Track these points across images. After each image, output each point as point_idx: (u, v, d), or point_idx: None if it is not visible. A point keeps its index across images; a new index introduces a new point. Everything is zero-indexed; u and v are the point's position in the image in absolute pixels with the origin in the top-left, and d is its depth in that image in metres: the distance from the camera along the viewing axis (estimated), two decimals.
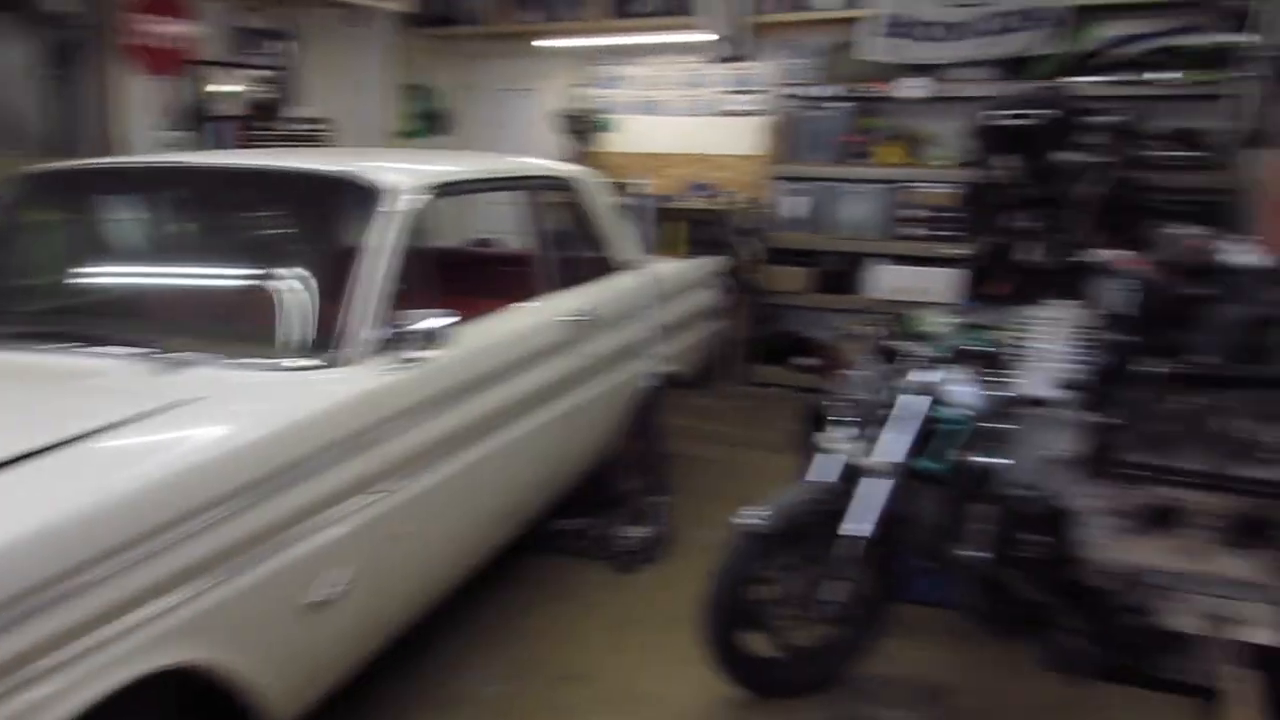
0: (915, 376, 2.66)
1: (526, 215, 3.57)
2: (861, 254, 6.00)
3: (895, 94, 5.82)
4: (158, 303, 3.06)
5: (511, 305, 3.27)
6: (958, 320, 3.11)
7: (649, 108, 6.80)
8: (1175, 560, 1.72)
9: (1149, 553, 1.74)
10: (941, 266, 5.43)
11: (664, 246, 6.29)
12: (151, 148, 5.36)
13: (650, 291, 3.77)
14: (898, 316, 3.12)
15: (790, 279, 6.15)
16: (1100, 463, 1.76)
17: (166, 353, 2.31)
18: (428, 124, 7.50)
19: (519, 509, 3.22)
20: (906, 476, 2.65)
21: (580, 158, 6.35)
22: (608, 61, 6.92)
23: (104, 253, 3.32)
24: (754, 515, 2.66)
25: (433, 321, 2.46)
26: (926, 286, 5.50)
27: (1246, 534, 1.64)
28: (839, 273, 6.09)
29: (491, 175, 3.56)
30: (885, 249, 5.89)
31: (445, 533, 2.73)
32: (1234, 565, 1.69)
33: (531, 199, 3.56)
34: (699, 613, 2.70)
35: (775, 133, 6.20)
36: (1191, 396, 1.77)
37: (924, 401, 2.63)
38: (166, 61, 5.55)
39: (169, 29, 5.49)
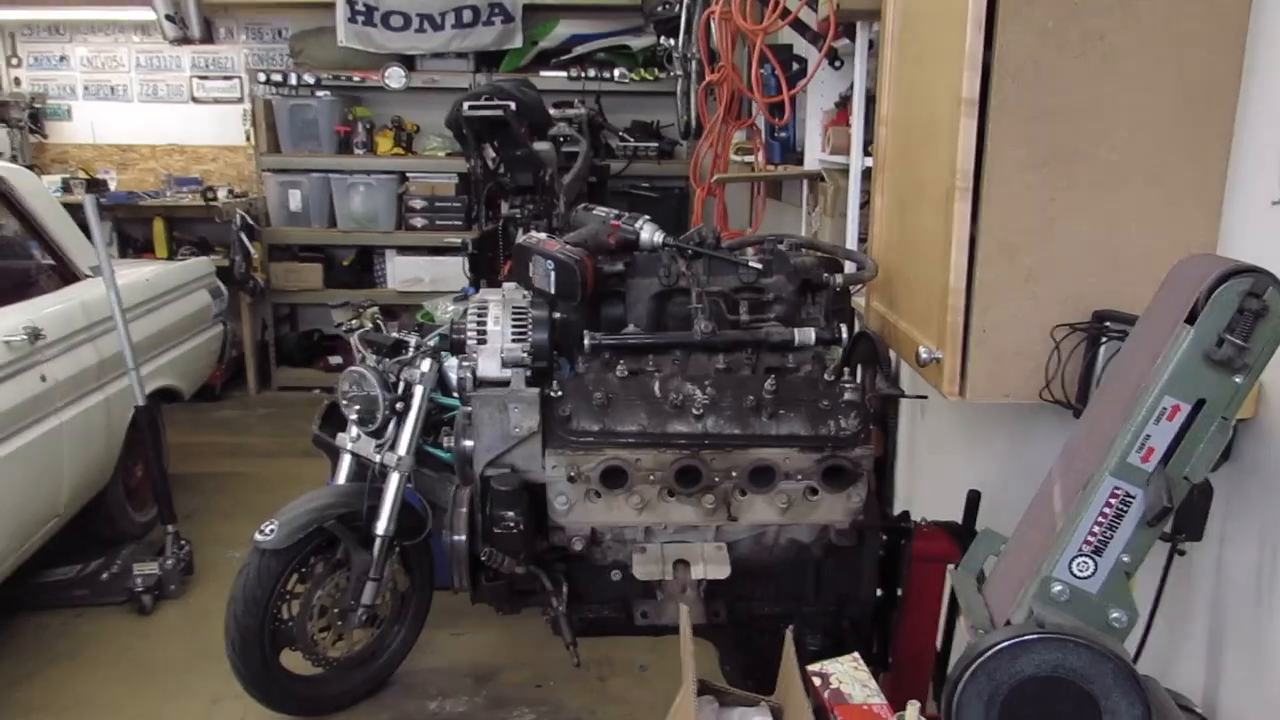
0: (415, 366, 2.67)
1: None
2: (372, 246, 5.91)
3: (380, 83, 5.77)
4: None
5: None
6: (462, 307, 3.19)
7: (107, 93, 6.02)
8: (632, 515, 1.90)
9: (609, 512, 1.91)
10: (450, 255, 5.54)
11: (142, 248, 5.65)
12: None
13: (119, 301, 3.32)
14: (406, 308, 3.11)
15: (300, 275, 5.85)
16: (554, 434, 1.89)
17: None
18: None
19: None
20: (422, 466, 2.67)
21: (26, 150, 5.42)
22: (44, 39, 5.97)
23: None
24: (270, 529, 2.49)
25: None
26: (438, 275, 5.58)
27: (685, 483, 1.87)
28: (352, 266, 5.94)
29: None
30: (394, 240, 5.85)
31: None
32: (680, 512, 1.92)
33: None
34: (226, 641, 2.48)
35: (257, 122, 5.81)
36: (626, 364, 1.96)
37: (424, 391, 2.65)
38: None
39: None
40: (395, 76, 5.73)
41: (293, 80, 5.79)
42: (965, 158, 1.57)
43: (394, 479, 2.61)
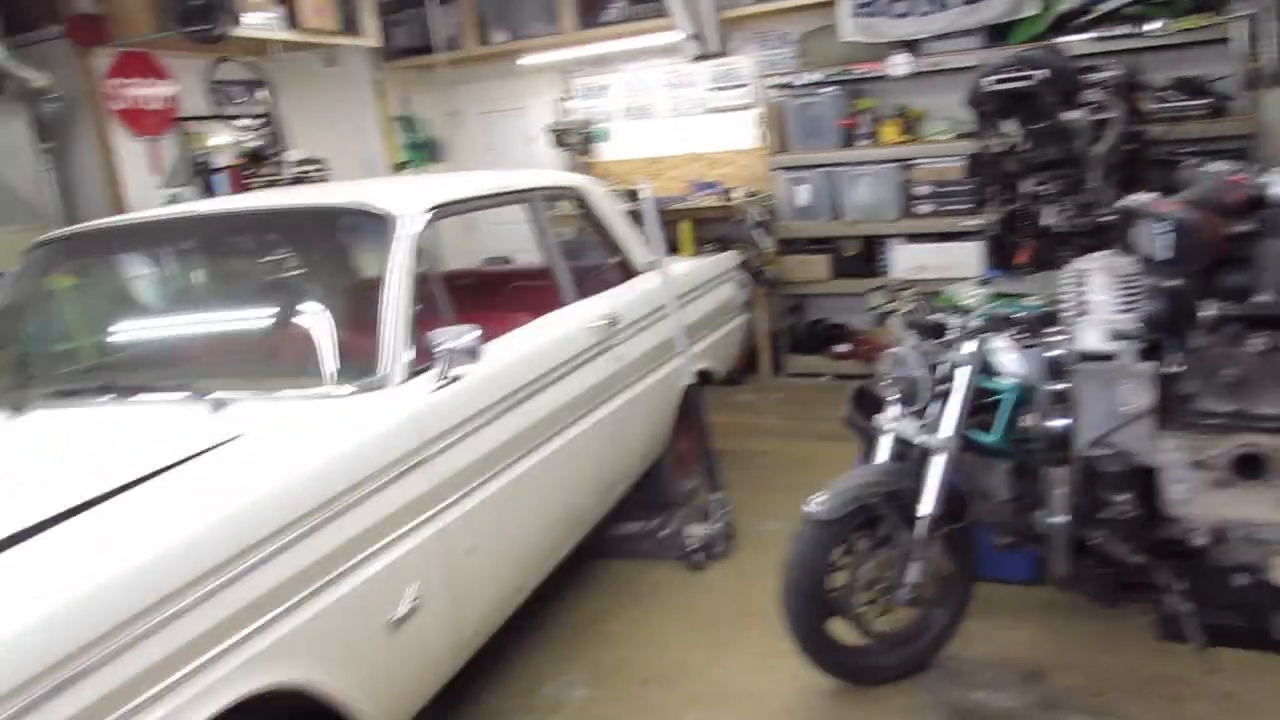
0: (962, 348, 2.62)
1: (538, 228, 3.53)
2: (877, 236, 5.96)
3: (882, 73, 5.78)
4: (191, 349, 3.03)
5: (538, 318, 3.24)
6: (987, 290, 3.07)
7: (638, 113, 6.79)
8: (1270, 511, 1.63)
9: (1241, 505, 1.65)
10: (959, 240, 5.39)
11: (669, 249, 6.26)
12: (153, 206, 5.32)
13: (672, 292, 3.72)
14: (928, 292, 3.08)
15: (810, 268, 6.11)
16: (1173, 413, 1.68)
17: (209, 394, 2.28)
18: (420, 154, 7.47)
19: (577, 515, 3.20)
20: (964, 450, 2.61)
21: (580, 169, 6.32)
22: (588, 72, 6.92)
23: (130, 307, 3.31)
24: (819, 502, 2.59)
25: (463, 338, 2.42)
26: (947, 261, 5.45)
27: None
28: (857, 257, 6.04)
29: (497, 190, 3.50)
30: (900, 228, 5.84)
31: (509, 542, 2.70)
32: None
33: (540, 211, 3.52)
34: (780, 604, 2.63)
35: (768, 124, 6.16)
36: (1254, 337, 1.70)
37: (972, 373, 2.59)
38: (153, 121, 5.53)
39: (150, 90, 5.48)
40: (899, 63, 5.70)
41: (799, 81, 6.04)
42: None
43: (938, 461, 2.58)
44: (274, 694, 1.81)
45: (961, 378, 2.59)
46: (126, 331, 3.30)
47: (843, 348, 6.16)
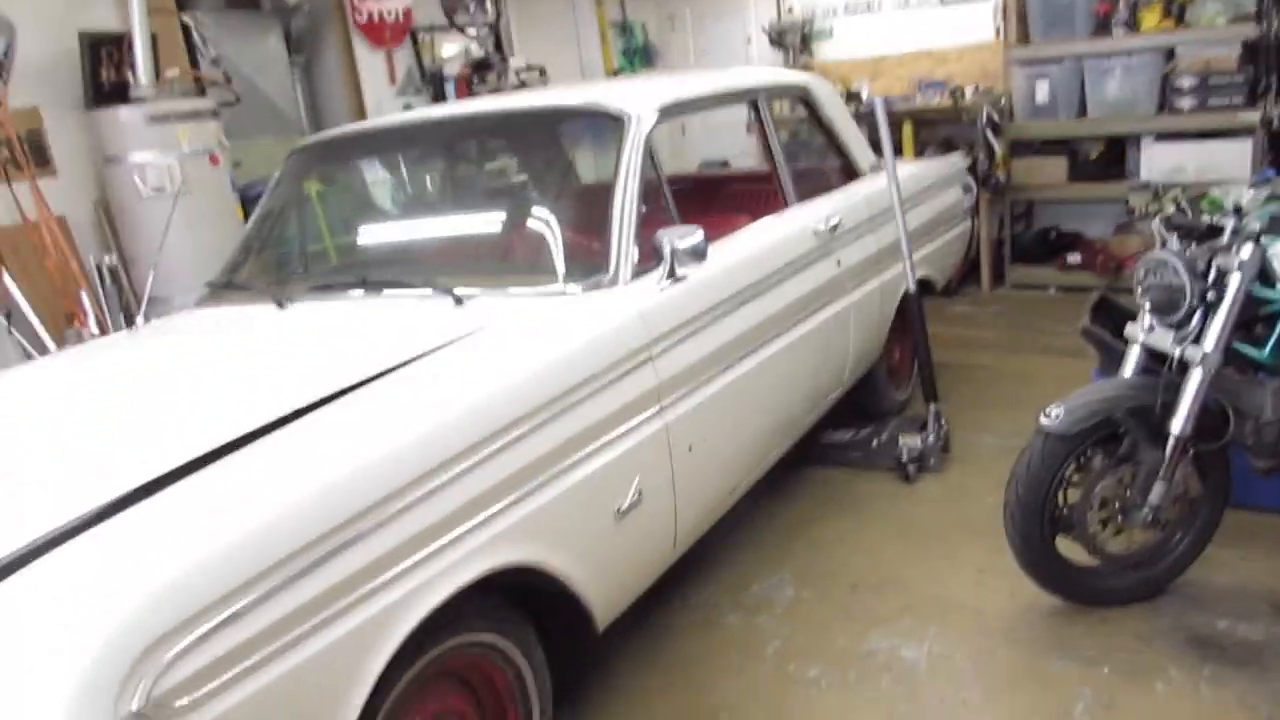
0: (1233, 254, 2.37)
1: (761, 127, 3.45)
2: (1126, 135, 5.43)
3: None
4: (430, 248, 3.21)
5: (761, 219, 3.21)
6: (1263, 192, 2.73)
7: (861, 8, 6.47)
8: None
9: None
10: (1225, 139, 4.84)
11: (897, 150, 6.00)
12: (389, 113, 5.65)
13: (895, 196, 3.57)
14: (1189, 198, 2.79)
15: (1045, 171, 5.69)
16: None
17: (451, 290, 2.42)
18: (634, 60, 7.48)
19: (790, 419, 3.20)
20: (1227, 365, 2.39)
21: (798, 69, 6.12)
22: None
23: (377, 209, 3.55)
24: (1056, 414, 2.46)
25: (689, 239, 2.43)
26: (1210, 162, 4.91)
27: None
28: (1099, 159, 5.56)
29: (724, 90, 3.44)
30: (1155, 126, 5.29)
31: (727, 441, 2.74)
32: None
33: (765, 110, 3.44)
34: (1005, 518, 2.55)
35: (1009, 13, 5.69)
36: None
37: (1244, 281, 2.35)
38: (390, 33, 5.82)
39: (391, 3, 5.75)
40: None
41: None
42: None
43: (1196, 375, 2.38)
44: (510, 573, 1.94)
45: (1234, 285, 2.35)
46: (371, 232, 3.54)
47: (1074, 258, 5.74)
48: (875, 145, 3.89)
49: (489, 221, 3.20)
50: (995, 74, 5.89)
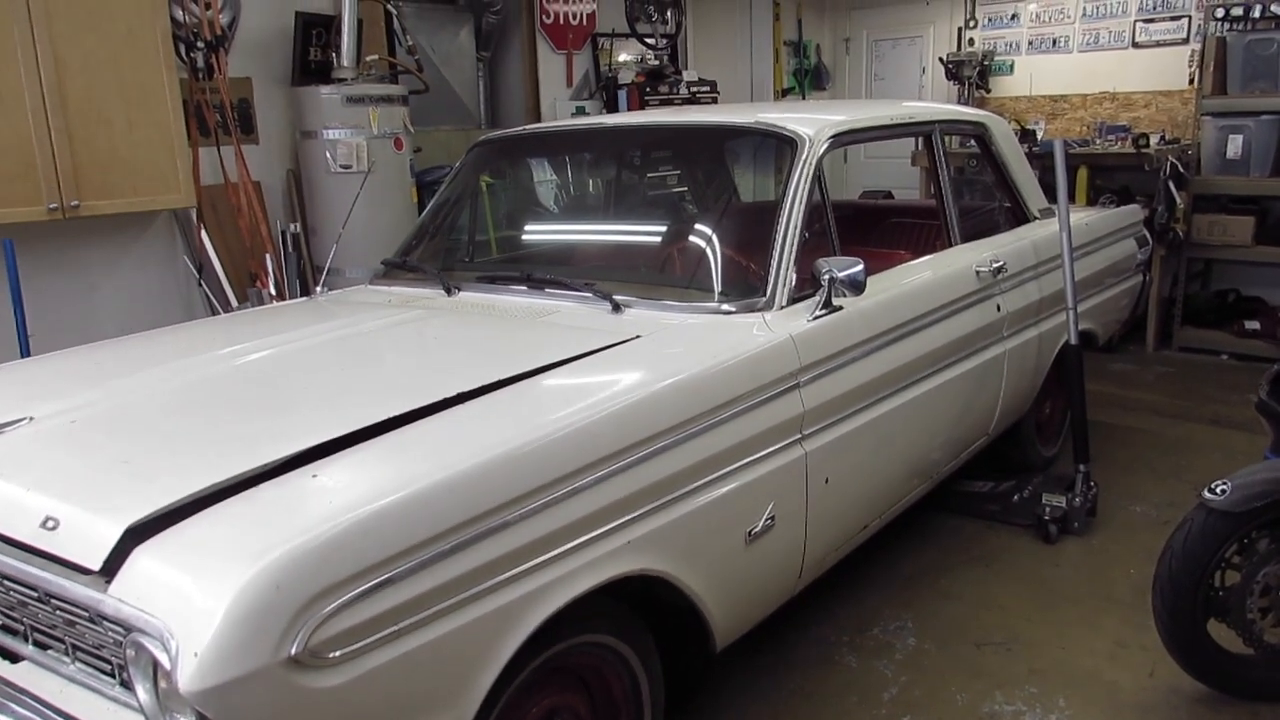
0: None
1: (933, 163, 3.39)
2: None
3: None
4: (590, 251, 3.31)
5: (920, 255, 3.16)
6: None
7: (1046, 45, 6.26)
8: None
9: None
10: None
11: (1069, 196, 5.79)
12: (562, 116, 5.82)
13: (1066, 243, 3.44)
14: None
15: (1230, 229, 5.36)
16: None
17: (609, 296, 2.50)
18: (804, 81, 7.45)
19: (930, 463, 3.13)
20: None
21: (970, 104, 5.98)
22: (1000, 0, 6.45)
23: (543, 208, 3.68)
24: (1223, 489, 2.33)
25: (849, 270, 2.42)
26: None
27: None
28: None
29: (899, 120, 3.40)
30: None
31: (864, 478, 2.72)
32: None
33: (938, 145, 3.38)
34: (1154, 593, 2.43)
35: (1206, 61, 5.39)
36: None
37: None
38: (573, 36, 5.99)
39: (577, 6, 5.91)
40: None
41: (1255, 11, 5.20)
42: None
43: None
44: (638, 581, 1.96)
45: None
46: (536, 230, 3.67)
47: (1253, 324, 5.38)
48: (1046, 188, 3.77)
49: (651, 232, 3.27)
50: (1183, 123, 5.60)
